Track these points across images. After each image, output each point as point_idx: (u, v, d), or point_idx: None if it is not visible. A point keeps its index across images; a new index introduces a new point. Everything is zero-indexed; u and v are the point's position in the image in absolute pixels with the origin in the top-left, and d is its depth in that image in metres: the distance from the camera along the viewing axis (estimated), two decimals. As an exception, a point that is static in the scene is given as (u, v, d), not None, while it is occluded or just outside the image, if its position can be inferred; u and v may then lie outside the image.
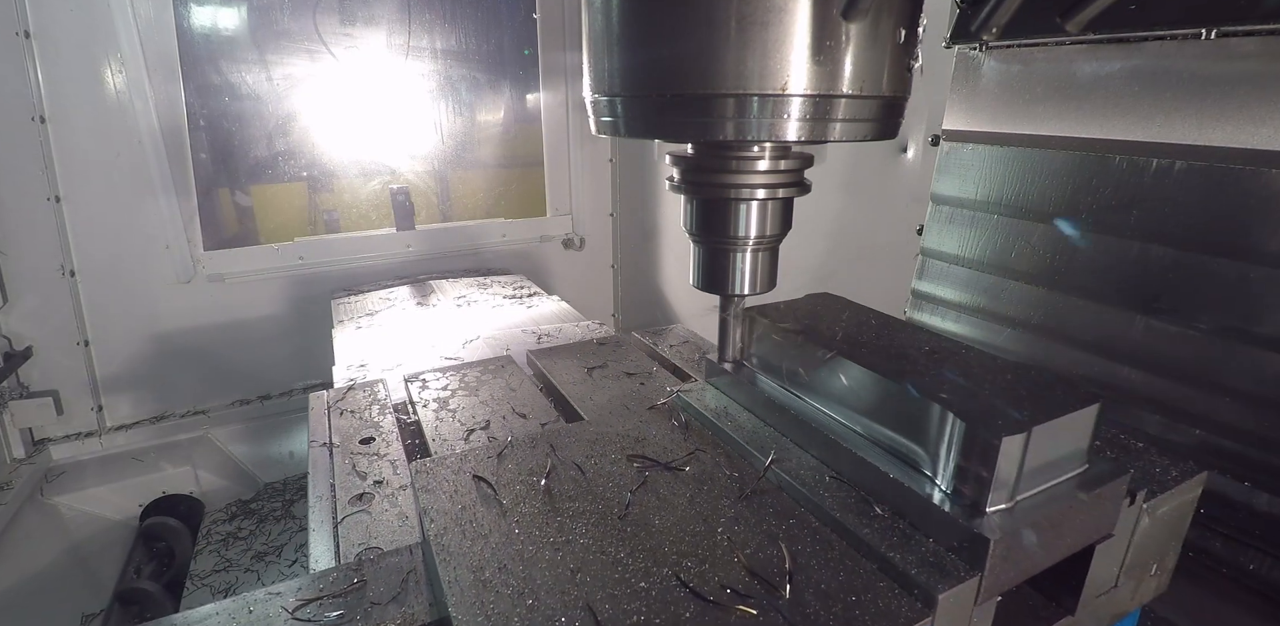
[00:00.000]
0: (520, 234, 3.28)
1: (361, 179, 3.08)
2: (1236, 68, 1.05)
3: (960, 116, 1.39)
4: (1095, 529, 0.67)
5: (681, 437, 0.86)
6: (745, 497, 0.73)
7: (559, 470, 0.79)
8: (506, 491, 0.75)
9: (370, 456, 1.17)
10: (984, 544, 0.58)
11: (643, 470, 0.78)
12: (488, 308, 2.30)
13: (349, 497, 1.04)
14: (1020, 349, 1.40)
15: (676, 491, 0.74)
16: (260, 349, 2.81)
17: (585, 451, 0.83)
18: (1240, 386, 1.10)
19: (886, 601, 0.58)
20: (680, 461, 0.80)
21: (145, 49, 2.37)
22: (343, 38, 2.82)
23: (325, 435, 1.25)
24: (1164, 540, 0.79)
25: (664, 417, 0.91)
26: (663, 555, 0.64)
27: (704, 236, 0.85)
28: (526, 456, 0.82)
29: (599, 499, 0.73)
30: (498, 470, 0.79)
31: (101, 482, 2.52)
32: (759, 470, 0.76)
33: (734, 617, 0.57)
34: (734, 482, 0.75)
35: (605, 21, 0.73)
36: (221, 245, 2.73)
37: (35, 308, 2.40)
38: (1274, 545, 1.10)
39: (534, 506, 0.72)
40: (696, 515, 0.70)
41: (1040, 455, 0.62)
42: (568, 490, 0.75)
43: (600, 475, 0.77)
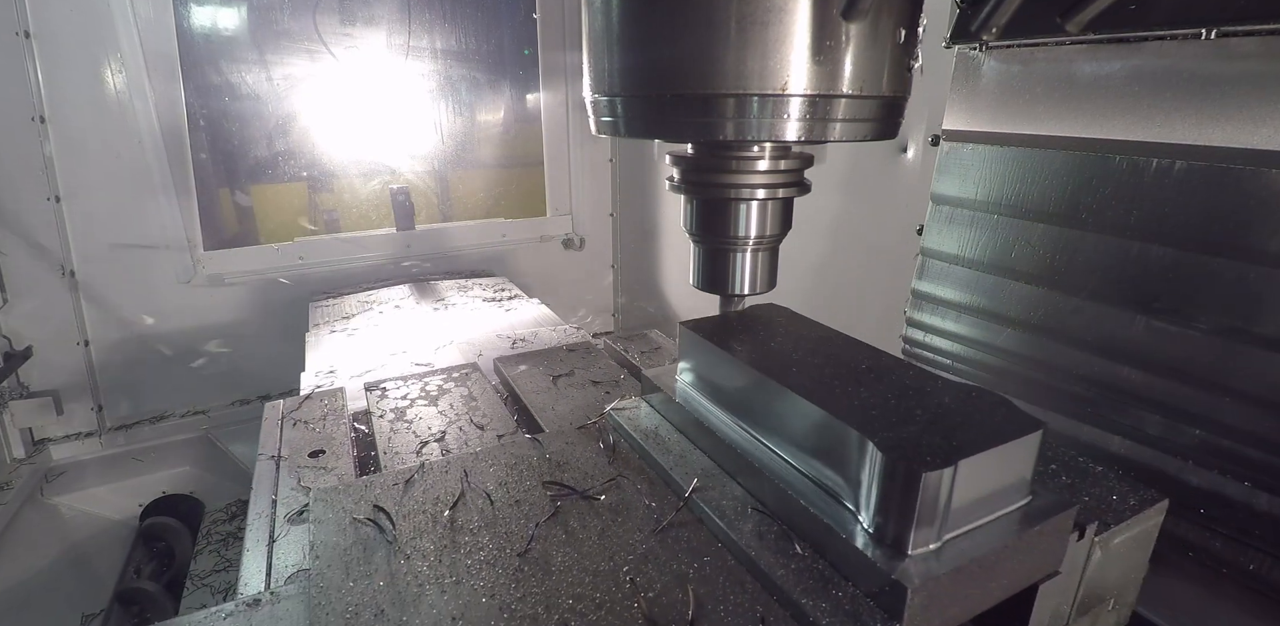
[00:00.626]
0: (520, 234, 3.28)
1: (361, 179, 3.08)
2: (1236, 68, 1.05)
3: (960, 116, 1.39)
4: (1038, 567, 0.62)
5: (606, 461, 0.81)
6: (660, 531, 0.68)
7: (467, 499, 0.74)
8: (406, 522, 0.71)
9: (317, 470, 1.10)
10: (902, 592, 0.53)
11: (556, 499, 0.74)
12: (466, 311, 2.29)
13: (287, 514, 0.96)
14: (1020, 349, 1.40)
15: (588, 524, 0.70)
16: (260, 348, 2.81)
17: (500, 477, 0.78)
18: (1241, 386, 1.10)
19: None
20: (598, 489, 0.76)
21: (145, 49, 2.37)
22: (343, 37, 2.82)
23: (274, 447, 1.19)
24: (1122, 573, 0.74)
25: (592, 438, 0.87)
26: (556, 600, 0.59)
27: (704, 236, 0.85)
28: (436, 483, 0.77)
29: (501, 533, 0.69)
30: (402, 499, 0.74)
31: (101, 482, 2.52)
32: (680, 499, 0.72)
33: None
34: (651, 514, 0.71)
35: (605, 21, 0.73)
36: (221, 245, 2.73)
37: (35, 307, 2.40)
38: (1274, 545, 1.10)
39: (431, 541, 0.68)
40: (604, 552, 0.65)
41: (970, 490, 0.57)
42: (471, 522, 0.71)
43: (509, 505, 0.74)
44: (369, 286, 2.75)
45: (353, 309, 2.39)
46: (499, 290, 2.61)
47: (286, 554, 0.88)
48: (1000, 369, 1.45)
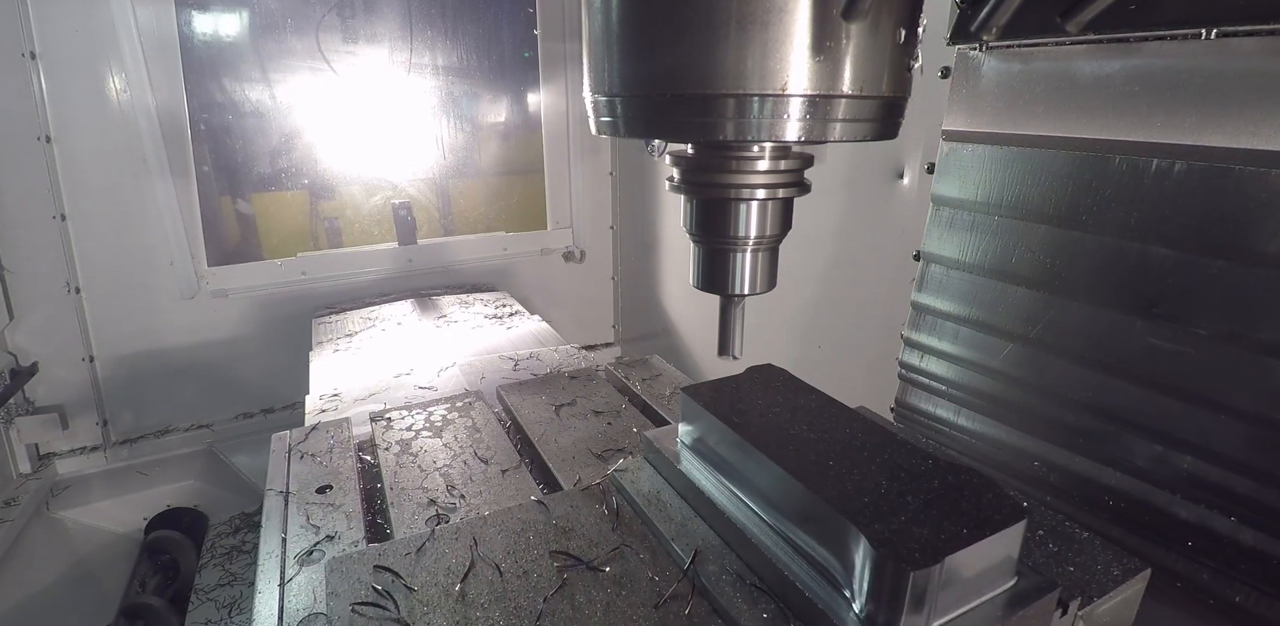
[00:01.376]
0: (521, 247, 3.29)
1: (364, 194, 3.10)
2: (1236, 68, 1.05)
3: (960, 116, 1.39)
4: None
5: (610, 528, 0.83)
6: (662, 605, 0.70)
7: (476, 570, 0.77)
8: (418, 596, 0.73)
9: (325, 507, 1.12)
10: None
11: (563, 570, 0.76)
12: (467, 329, 2.30)
13: (298, 553, 0.99)
14: (1016, 371, 1.39)
15: (593, 598, 0.72)
16: (263, 362, 2.81)
17: (508, 545, 0.80)
18: (1237, 401, 1.10)
19: None
20: (603, 559, 0.78)
21: (150, 68, 2.39)
22: (345, 55, 2.85)
23: (283, 482, 1.21)
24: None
25: (596, 501, 0.89)
26: None
27: (704, 236, 0.85)
28: (446, 551, 0.79)
29: (511, 608, 0.70)
30: (414, 569, 0.76)
31: (106, 496, 2.52)
32: (681, 570, 0.74)
33: None
34: (654, 586, 0.73)
35: (605, 22, 0.73)
36: (225, 261, 2.74)
37: (41, 324, 2.42)
38: (1260, 579, 1.10)
39: (442, 617, 0.70)
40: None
41: (957, 579, 0.59)
42: (482, 595, 0.73)
43: (518, 576, 0.76)
44: (371, 302, 2.76)
45: (355, 326, 2.40)
46: (500, 306, 2.62)
47: (298, 596, 0.89)
48: (995, 396, 1.44)
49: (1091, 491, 1.31)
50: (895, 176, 1.81)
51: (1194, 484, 1.17)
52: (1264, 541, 1.10)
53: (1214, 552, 1.15)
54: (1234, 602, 1.13)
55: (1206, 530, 1.16)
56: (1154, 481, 1.22)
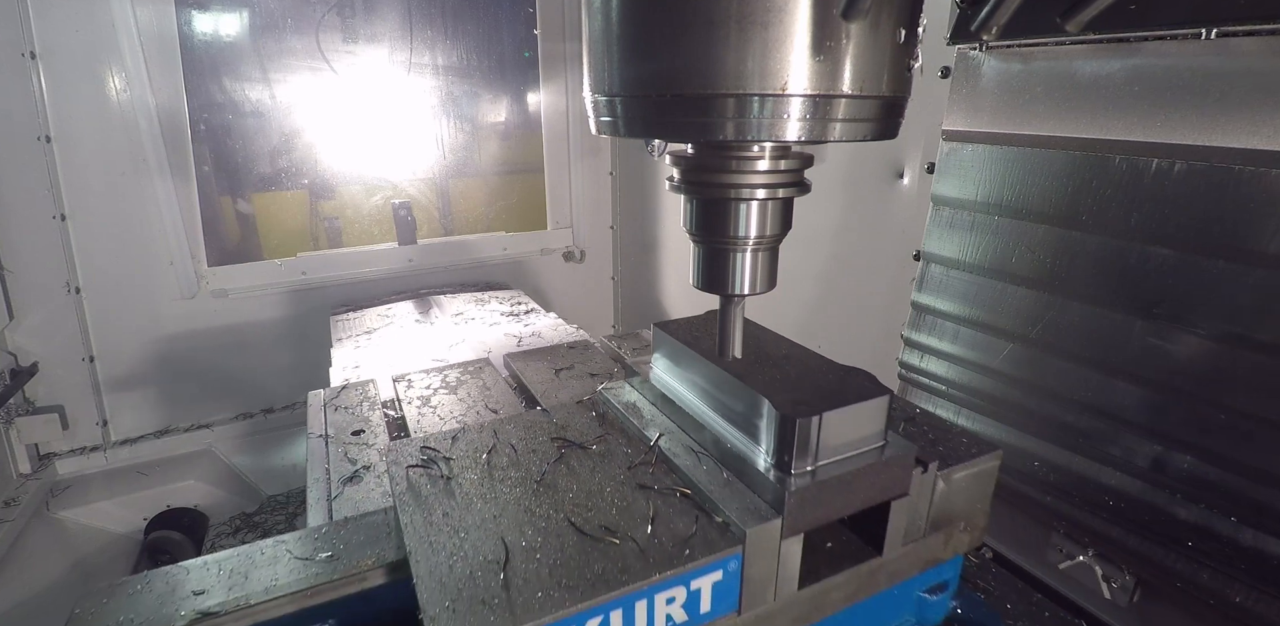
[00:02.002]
0: (521, 247, 3.29)
1: (364, 194, 3.10)
2: (1236, 68, 1.05)
3: (960, 116, 1.39)
4: (888, 488, 0.84)
5: (597, 425, 1.04)
6: (634, 468, 0.91)
7: (498, 448, 0.98)
8: (456, 463, 0.94)
9: (360, 446, 1.35)
10: (783, 494, 0.77)
11: (560, 448, 0.97)
12: (484, 325, 2.30)
13: (340, 478, 1.23)
14: (1016, 370, 1.39)
15: (584, 464, 0.93)
16: (263, 362, 2.82)
17: (520, 435, 1.01)
18: (1236, 401, 1.10)
19: (713, 536, 0.78)
20: (591, 442, 0.98)
21: (150, 68, 2.39)
22: (345, 55, 2.85)
23: (321, 428, 1.44)
24: (966, 504, 0.95)
25: (586, 409, 1.09)
26: (562, 506, 0.84)
27: (704, 236, 0.85)
28: (475, 439, 1.00)
29: (524, 469, 0.92)
30: (451, 448, 0.98)
31: (106, 496, 2.52)
32: (648, 447, 0.96)
33: (603, 545, 0.76)
34: (628, 457, 0.94)
35: (605, 22, 0.73)
36: (225, 261, 2.74)
37: (41, 324, 2.42)
38: (1259, 579, 1.10)
39: (474, 474, 0.92)
40: (594, 479, 0.89)
41: (834, 433, 0.79)
42: (501, 463, 0.94)
43: (528, 452, 0.97)
44: (387, 300, 2.76)
45: (374, 323, 2.41)
46: (515, 303, 2.62)
47: (342, 507, 1.15)
48: (996, 397, 1.45)
49: (1091, 491, 1.31)
50: (895, 176, 1.81)
51: (1194, 484, 1.17)
52: (1263, 541, 1.10)
53: (1214, 552, 1.15)
54: (1234, 602, 1.14)
55: (1206, 530, 1.16)
56: (1154, 481, 1.23)
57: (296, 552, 0.92)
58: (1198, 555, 1.17)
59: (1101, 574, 1.32)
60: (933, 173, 1.48)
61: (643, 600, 0.73)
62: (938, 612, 1.00)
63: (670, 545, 0.76)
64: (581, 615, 0.69)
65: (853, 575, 0.87)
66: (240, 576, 0.88)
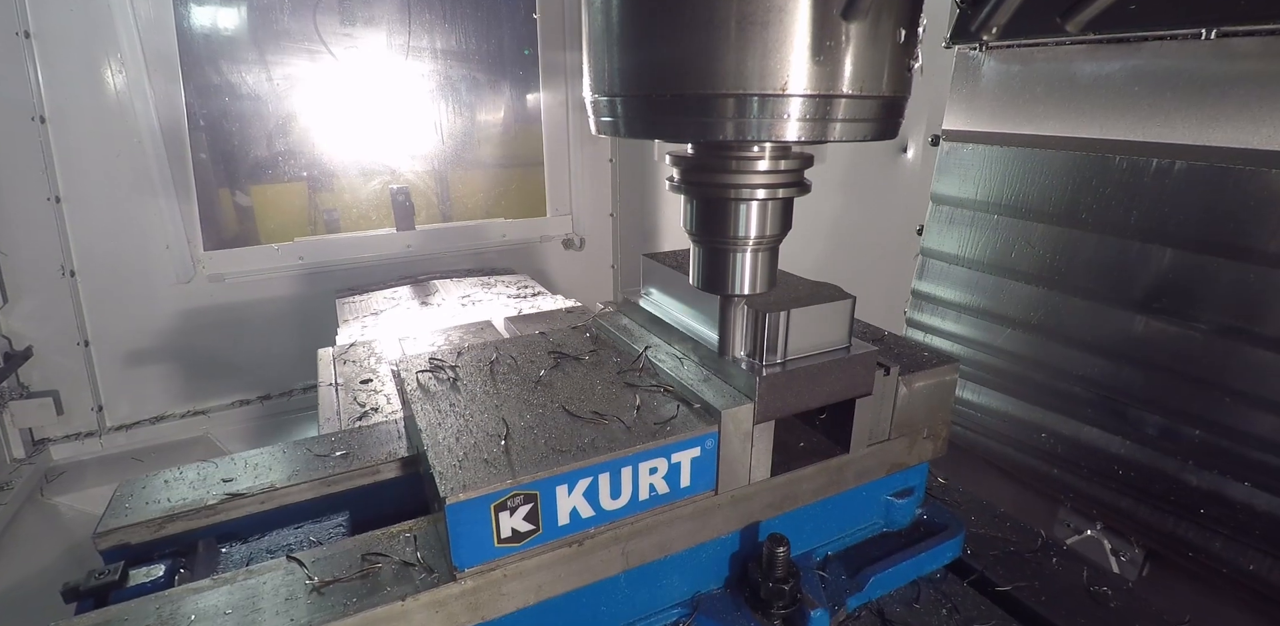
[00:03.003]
0: (520, 234, 3.28)
1: (362, 179, 3.08)
2: (1236, 68, 1.05)
3: (960, 116, 1.39)
4: (852, 387, 0.92)
5: (590, 343, 1.12)
6: (623, 373, 1.00)
7: (499, 359, 1.06)
8: (462, 370, 1.02)
9: (369, 392, 1.45)
10: (754, 382, 0.84)
11: (556, 359, 1.05)
12: (495, 307, 2.30)
13: (350, 418, 1.32)
14: (1021, 350, 1.40)
15: (578, 370, 1.02)
16: (260, 349, 2.81)
17: (520, 351, 1.10)
18: (1241, 387, 1.11)
19: (692, 419, 0.85)
20: (584, 355, 1.07)
21: (145, 49, 2.37)
22: (343, 38, 2.83)
23: (331, 378, 1.53)
24: (928, 410, 1.02)
25: (581, 333, 1.18)
26: (558, 398, 0.92)
27: (704, 236, 0.85)
28: (479, 354, 1.08)
29: (524, 374, 1.01)
30: (457, 360, 1.05)
31: (101, 482, 2.51)
32: (634, 357, 1.03)
33: (593, 424, 0.85)
34: (618, 365, 1.03)
35: (605, 21, 0.73)
36: (222, 245, 2.73)
37: (35, 308, 2.41)
38: (1273, 545, 1.11)
39: (479, 378, 0.99)
40: (588, 381, 0.98)
41: (801, 333, 0.88)
42: (503, 370, 1.02)
43: (528, 362, 1.05)
44: (392, 283, 2.76)
45: (380, 305, 2.42)
46: (522, 287, 2.62)
47: None
48: (1001, 369, 1.45)
49: (1100, 461, 1.32)
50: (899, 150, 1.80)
51: (1206, 451, 1.17)
52: (1278, 505, 1.10)
53: (1226, 519, 1.16)
54: (1247, 570, 1.14)
55: (1219, 496, 1.16)
56: (1164, 449, 1.23)
57: (316, 451, 1.03)
58: (1209, 522, 1.18)
59: (1110, 547, 1.33)
60: (937, 145, 1.47)
61: (627, 466, 0.81)
62: (904, 515, 1.08)
63: (653, 424, 0.85)
64: (572, 473, 0.77)
65: (821, 469, 0.96)
66: (265, 469, 0.99)
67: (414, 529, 0.84)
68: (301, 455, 1.02)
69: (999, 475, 1.47)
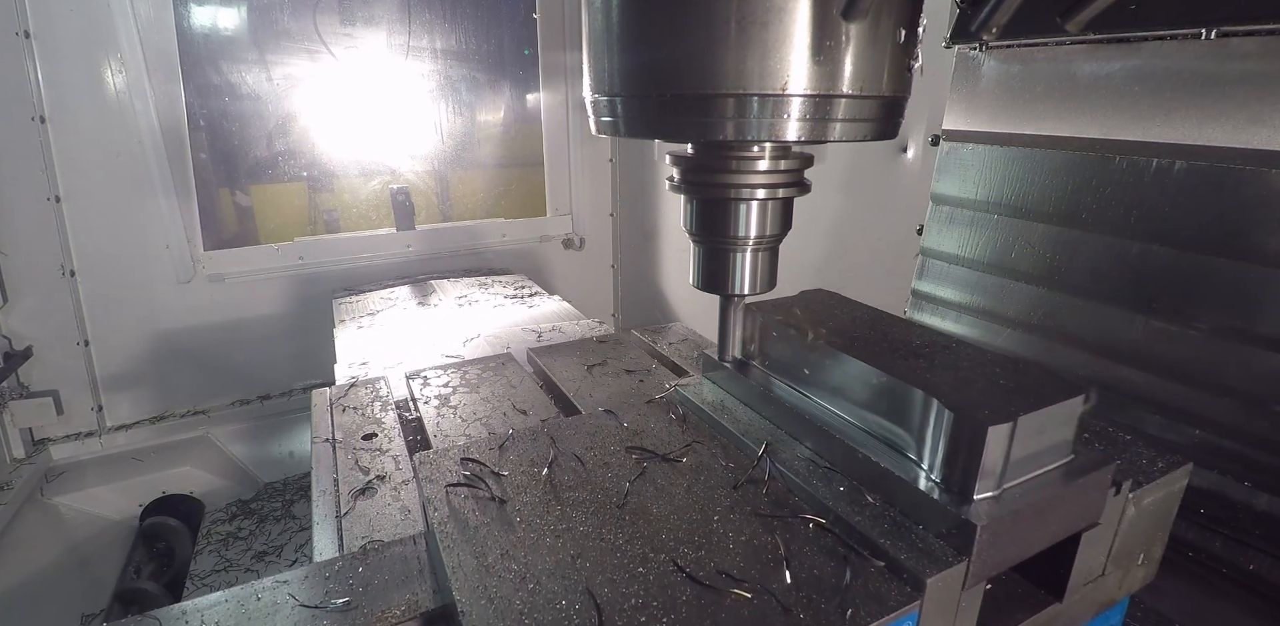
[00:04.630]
0: (520, 234, 3.28)
1: (362, 179, 3.08)
2: (1236, 68, 1.05)
3: (960, 116, 1.39)
4: (1081, 517, 0.68)
5: (679, 430, 0.87)
6: (740, 486, 0.74)
7: (559, 461, 0.80)
8: (509, 481, 0.77)
9: (372, 452, 1.17)
10: (971, 530, 0.60)
11: (641, 461, 0.80)
12: (489, 307, 2.29)
13: (351, 491, 1.05)
14: (1020, 349, 1.40)
15: (674, 481, 0.76)
16: (260, 349, 2.81)
17: (585, 443, 0.84)
18: (1241, 387, 1.10)
19: (877, 586, 0.59)
20: (677, 453, 0.81)
21: (145, 49, 2.37)
22: (343, 38, 2.82)
23: (328, 431, 1.26)
24: (1150, 530, 0.80)
25: (662, 411, 0.92)
26: (660, 542, 0.66)
27: (704, 236, 0.85)
28: (528, 448, 0.83)
29: (598, 488, 0.75)
30: (500, 461, 0.81)
31: (101, 482, 2.52)
32: (754, 460, 0.78)
33: (728, 601, 0.58)
34: (730, 473, 0.77)
35: (605, 21, 0.73)
36: (221, 245, 2.73)
37: (35, 307, 2.40)
38: (1274, 545, 1.11)
39: (535, 495, 0.74)
40: (693, 504, 0.72)
41: (1026, 444, 0.63)
42: (568, 480, 0.76)
43: (600, 466, 0.79)
44: (390, 283, 2.76)
45: (377, 305, 2.41)
46: (519, 287, 2.61)
47: (354, 526, 0.95)
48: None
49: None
50: (899, 150, 1.80)
51: (1206, 450, 1.17)
52: (1278, 505, 1.10)
53: (1227, 520, 1.15)
54: (1247, 570, 1.14)
55: (1219, 496, 1.16)
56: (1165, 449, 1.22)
57: (303, 598, 0.72)
58: (1210, 522, 1.18)
59: None
60: (937, 145, 1.47)
61: None
62: None
63: (821, 601, 0.58)
64: None
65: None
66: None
67: None
68: (283, 603, 0.71)
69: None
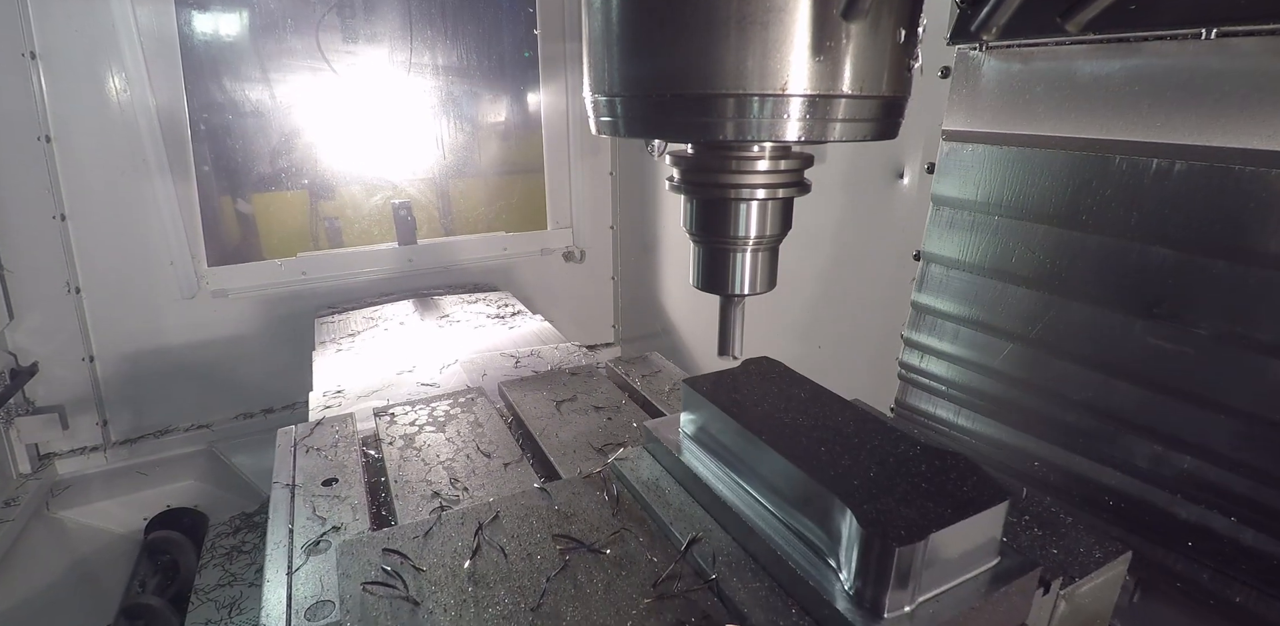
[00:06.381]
0: (521, 247, 3.29)
1: (364, 194, 3.10)
2: (1236, 68, 1.05)
3: (960, 116, 1.39)
4: (1006, 620, 0.66)
5: (610, 513, 0.87)
6: (660, 585, 0.73)
7: (483, 552, 0.80)
8: (427, 576, 0.76)
9: (331, 499, 1.15)
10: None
11: (564, 553, 0.79)
12: (470, 328, 2.30)
13: (305, 544, 1.01)
14: (1016, 371, 1.39)
15: (594, 578, 0.75)
16: (263, 363, 2.81)
17: (514, 528, 0.84)
18: (1237, 401, 1.10)
19: None
20: (604, 543, 0.81)
21: (150, 68, 2.39)
22: (345, 54, 2.85)
23: (289, 475, 1.24)
24: (1088, 619, 0.78)
25: (596, 488, 0.92)
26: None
27: (704, 236, 0.85)
28: (453, 535, 0.83)
29: (515, 588, 0.74)
30: (423, 552, 0.80)
31: (106, 496, 2.52)
32: (680, 552, 0.77)
33: None
34: (653, 567, 0.76)
35: (605, 22, 0.73)
36: (225, 261, 2.74)
37: (41, 324, 2.41)
38: (1260, 579, 1.10)
39: (449, 596, 0.73)
40: (610, 607, 0.70)
41: (941, 557, 0.62)
42: (488, 575, 0.76)
43: (522, 558, 0.79)
44: (373, 302, 2.76)
45: (358, 326, 2.40)
46: (502, 305, 2.61)
47: (305, 585, 0.92)
48: (996, 396, 1.44)
49: (1091, 491, 1.31)
50: (895, 176, 1.81)
51: (1194, 484, 1.17)
52: (1263, 541, 1.10)
53: (1214, 552, 1.15)
54: (1234, 602, 1.13)
55: (1206, 530, 1.16)
56: (1154, 481, 1.22)
57: None
58: (1198, 555, 1.17)
59: None
60: (933, 173, 1.48)
61: None
62: None
63: None
64: None
65: None
66: None
67: None
68: None
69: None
